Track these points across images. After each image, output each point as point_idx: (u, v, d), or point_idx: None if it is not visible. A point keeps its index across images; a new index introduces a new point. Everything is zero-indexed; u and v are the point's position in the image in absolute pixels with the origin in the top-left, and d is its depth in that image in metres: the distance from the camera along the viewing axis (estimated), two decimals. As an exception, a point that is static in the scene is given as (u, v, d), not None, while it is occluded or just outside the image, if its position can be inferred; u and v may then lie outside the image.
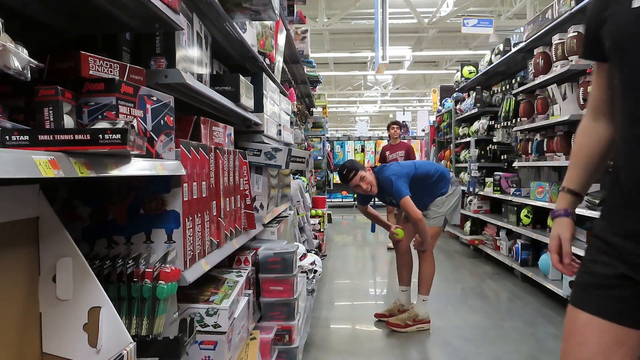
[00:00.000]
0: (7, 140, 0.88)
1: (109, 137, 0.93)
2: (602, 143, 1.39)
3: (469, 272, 5.86)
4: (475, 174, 6.95)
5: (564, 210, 1.42)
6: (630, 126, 1.20)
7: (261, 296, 2.51)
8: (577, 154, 1.42)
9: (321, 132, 9.54)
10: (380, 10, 8.20)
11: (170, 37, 1.55)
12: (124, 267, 1.28)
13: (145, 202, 1.46)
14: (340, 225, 10.92)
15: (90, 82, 1.14)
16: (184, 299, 1.65)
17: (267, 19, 2.46)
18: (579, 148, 1.42)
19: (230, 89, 2.11)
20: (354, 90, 18.55)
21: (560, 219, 1.42)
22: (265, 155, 2.63)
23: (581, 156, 1.41)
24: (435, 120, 10.13)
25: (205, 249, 1.66)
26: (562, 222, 1.42)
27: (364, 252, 7.96)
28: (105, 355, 1.08)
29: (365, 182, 3.80)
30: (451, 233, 8.01)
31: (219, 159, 1.81)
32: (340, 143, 14.61)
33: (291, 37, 4.34)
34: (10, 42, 0.87)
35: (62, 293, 1.10)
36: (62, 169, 0.85)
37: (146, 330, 1.26)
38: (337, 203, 13.86)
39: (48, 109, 1.03)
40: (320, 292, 4.86)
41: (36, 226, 1.10)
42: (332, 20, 10.40)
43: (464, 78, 7.99)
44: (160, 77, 1.48)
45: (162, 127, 1.38)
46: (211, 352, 1.64)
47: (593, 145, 1.39)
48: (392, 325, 3.82)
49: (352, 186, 3.85)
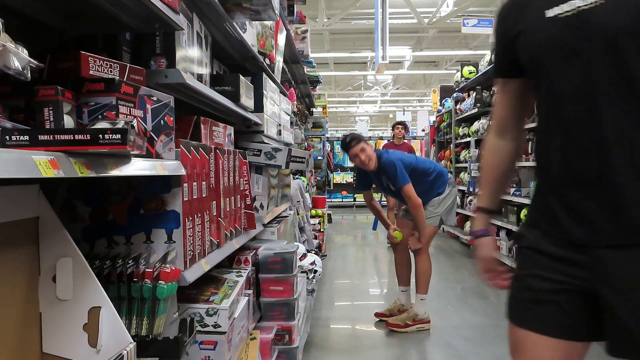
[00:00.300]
0: (7, 140, 0.88)
1: (109, 137, 0.93)
2: (509, 159, 1.41)
3: (469, 272, 5.85)
4: (475, 174, 6.95)
5: (483, 231, 1.42)
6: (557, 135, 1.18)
7: (261, 296, 2.51)
8: (488, 172, 1.43)
9: (321, 132, 9.53)
10: (380, 10, 8.19)
11: (170, 37, 1.55)
12: (124, 267, 1.28)
13: (145, 202, 1.46)
14: (340, 225, 10.91)
15: (90, 82, 1.14)
16: (184, 299, 1.65)
17: (267, 19, 2.46)
18: (489, 167, 1.43)
19: (230, 89, 2.11)
20: (354, 90, 18.54)
21: (480, 240, 1.42)
22: (265, 155, 2.63)
23: (491, 174, 1.42)
24: (435, 120, 10.13)
25: (205, 249, 1.66)
26: (484, 243, 1.42)
27: (364, 252, 7.95)
28: (105, 355, 1.08)
29: (364, 154, 3.77)
30: (451, 233, 8.00)
31: (219, 159, 1.81)
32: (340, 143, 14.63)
33: (291, 37, 4.34)
34: (10, 42, 0.87)
35: (62, 293, 1.10)
36: (62, 169, 0.85)
37: (146, 330, 1.27)
38: (337, 203, 13.87)
39: (48, 109, 1.03)
40: (320, 292, 4.86)
41: (36, 226, 1.10)
42: (332, 20, 10.40)
43: (464, 78, 7.99)
44: (160, 77, 1.48)
45: (162, 127, 1.38)
46: (211, 352, 1.64)
47: (501, 162, 1.41)
48: (392, 325, 3.82)
49: (351, 156, 3.83)
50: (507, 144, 1.39)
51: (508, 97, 1.37)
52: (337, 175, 14.10)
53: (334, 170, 13.91)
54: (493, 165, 1.42)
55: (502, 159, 1.41)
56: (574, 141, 1.15)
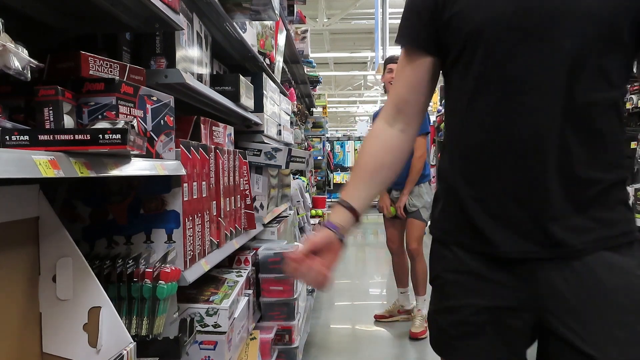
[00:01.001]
0: (7, 140, 0.88)
1: (109, 137, 0.93)
2: (394, 153, 1.13)
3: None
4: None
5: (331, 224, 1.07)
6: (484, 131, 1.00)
7: (261, 296, 2.51)
8: (366, 163, 1.13)
9: (321, 132, 9.54)
10: (380, 10, 8.21)
11: (170, 37, 1.55)
12: (124, 267, 1.28)
13: (145, 202, 1.46)
14: (340, 225, 10.90)
15: (90, 82, 1.14)
16: (184, 299, 1.65)
17: (267, 19, 2.46)
18: (369, 157, 1.14)
19: (230, 89, 2.11)
20: (354, 90, 18.54)
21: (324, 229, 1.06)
22: (265, 155, 2.63)
23: (369, 168, 1.13)
24: (435, 121, 10.13)
25: (205, 249, 1.66)
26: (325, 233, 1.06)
27: (364, 252, 7.95)
28: (105, 355, 1.08)
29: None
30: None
31: (219, 159, 1.81)
32: (340, 143, 14.65)
33: (291, 37, 4.34)
34: (10, 42, 0.87)
35: (62, 293, 1.10)
36: (62, 169, 0.85)
37: (146, 330, 1.27)
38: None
39: (48, 109, 1.03)
40: (320, 292, 4.86)
41: (36, 226, 1.10)
42: (332, 20, 10.40)
43: (464, 78, 7.98)
44: (160, 77, 1.48)
45: (162, 127, 1.38)
46: (211, 352, 1.64)
47: (385, 154, 1.12)
48: (417, 334, 3.66)
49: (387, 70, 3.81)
50: (396, 135, 1.12)
51: (415, 74, 1.10)
52: (337, 175, 14.09)
53: (334, 170, 13.91)
54: (372, 155, 1.13)
55: (386, 151, 1.12)
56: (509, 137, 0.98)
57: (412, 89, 1.12)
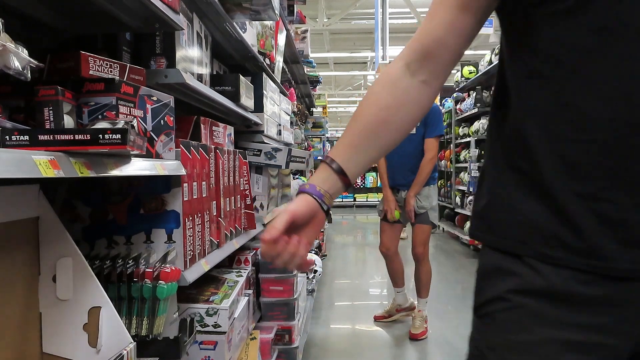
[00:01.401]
0: (7, 140, 0.88)
1: (109, 137, 0.92)
2: (410, 109, 0.88)
3: (469, 272, 5.85)
4: (475, 174, 6.95)
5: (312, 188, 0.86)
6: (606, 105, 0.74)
7: (261, 296, 2.51)
8: (370, 116, 0.88)
9: (321, 132, 9.53)
10: (380, 10, 8.20)
11: (170, 37, 1.55)
12: (124, 267, 1.28)
13: (145, 202, 1.46)
14: (340, 225, 10.91)
15: (90, 82, 1.14)
16: (184, 299, 1.65)
17: (267, 19, 2.46)
18: (376, 108, 0.88)
19: (230, 89, 2.11)
20: (354, 90, 18.54)
21: (310, 199, 0.85)
22: (265, 155, 2.63)
23: (373, 122, 0.88)
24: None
25: (205, 249, 1.66)
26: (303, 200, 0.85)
27: (364, 252, 7.95)
28: (105, 355, 1.08)
29: None
30: (451, 233, 8.00)
31: (219, 159, 1.81)
32: (340, 143, 14.65)
33: (291, 37, 4.34)
34: (10, 42, 0.87)
35: (62, 293, 1.10)
36: (62, 169, 0.85)
37: (146, 330, 1.27)
38: (337, 203, 13.85)
39: (48, 109, 1.03)
40: (320, 292, 4.86)
41: (36, 226, 1.10)
42: (332, 20, 10.40)
43: (464, 78, 7.99)
44: (160, 77, 1.48)
45: (162, 127, 1.38)
46: (211, 352, 1.64)
47: (398, 109, 0.87)
48: (417, 335, 3.65)
49: None
50: (416, 87, 0.87)
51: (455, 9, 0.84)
52: (337, 175, 14.09)
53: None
54: (381, 105, 0.88)
55: (399, 105, 0.87)
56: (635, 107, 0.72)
57: (453, 30, 0.85)
